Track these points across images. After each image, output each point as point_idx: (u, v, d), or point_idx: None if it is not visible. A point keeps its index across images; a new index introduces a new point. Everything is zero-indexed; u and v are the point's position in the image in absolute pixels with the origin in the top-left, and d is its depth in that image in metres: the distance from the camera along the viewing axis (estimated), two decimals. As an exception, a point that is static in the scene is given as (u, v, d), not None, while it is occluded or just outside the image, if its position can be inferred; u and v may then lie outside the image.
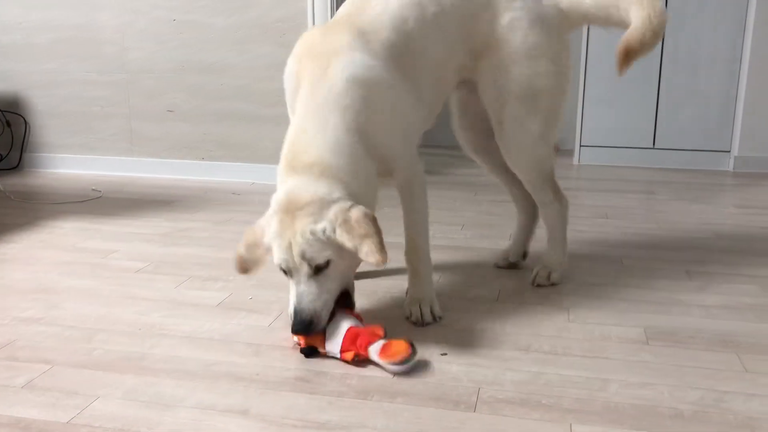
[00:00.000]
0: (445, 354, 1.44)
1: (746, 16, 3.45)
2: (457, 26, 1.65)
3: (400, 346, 1.37)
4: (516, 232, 2.02)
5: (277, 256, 1.40)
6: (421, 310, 1.60)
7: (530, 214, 1.98)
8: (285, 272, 1.41)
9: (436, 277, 1.90)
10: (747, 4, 3.44)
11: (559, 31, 1.72)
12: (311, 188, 1.39)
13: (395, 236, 2.28)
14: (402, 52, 1.57)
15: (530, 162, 1.75)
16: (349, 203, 1.37)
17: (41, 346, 1.47)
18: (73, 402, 1.25)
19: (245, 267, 1.47)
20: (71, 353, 1.44)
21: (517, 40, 1.67)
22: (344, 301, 1.47)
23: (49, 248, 2.19)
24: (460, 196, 2.98)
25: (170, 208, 2.73)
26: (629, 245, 2.22)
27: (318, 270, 1.38)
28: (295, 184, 1.41)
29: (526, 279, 1.89)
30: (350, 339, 1.38)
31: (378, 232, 1.34)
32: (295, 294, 1.40)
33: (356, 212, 1.35)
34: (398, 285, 1.84)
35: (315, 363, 1.39)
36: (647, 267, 2.00)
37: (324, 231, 1.35)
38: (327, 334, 1.41)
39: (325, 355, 1.41)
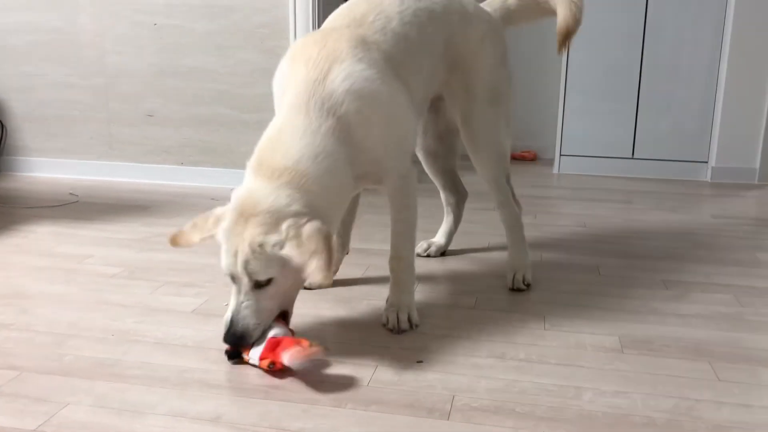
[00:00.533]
0: (421, 361, 1.43)
1: (723, 29, 3.50)
2: (442, 43, 1.75)
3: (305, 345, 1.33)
4: (445, 231, 2.22)
5: (223, 260, 1.38)
6: (398, 316, 1.59)
7: (458, 217, 2.23)
8: (231, 278, 1.39)
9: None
10: (724, 16, 3.49)
11: (504, 37, 1.92)
12: (272, 196, 1.36)
13: (377, 243, 2.28)
14: (401, 64, 1.60)
15: (496, 159, 1.87)
16: (304, 218, 1.34)
17: (11, 352, 1.45)
18: (42, 409, 1.22)
19: (176, 240, 1.48)
20: (41, 359, 1.42)
21: (488, 51, 1.83)
22: (281, 320, 1.44)
23: (23, 253, 2.16)
24: (438, 203, 2.98)
25: (148, 213, 2.71)
26: (606, 254, 2.24)
27: (259, 285, 1.36)
28: (258, 187, 1.38)
29: (503, 286, 1.90)
30: (270, 347, 1.35)
31: (328, 250, 1.30)
32: (234, 303, 1.38)
33: (309, 228, 1.32)
34: (375, 292, 1.84)
35: (289, 370, 1.38)
36: (624, 276, 2.02)
37: (273, 245, 1.32)
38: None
39: (247, 362, 1.39)
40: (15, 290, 1.83)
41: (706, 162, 3.64)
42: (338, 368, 1.40)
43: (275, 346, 1.35)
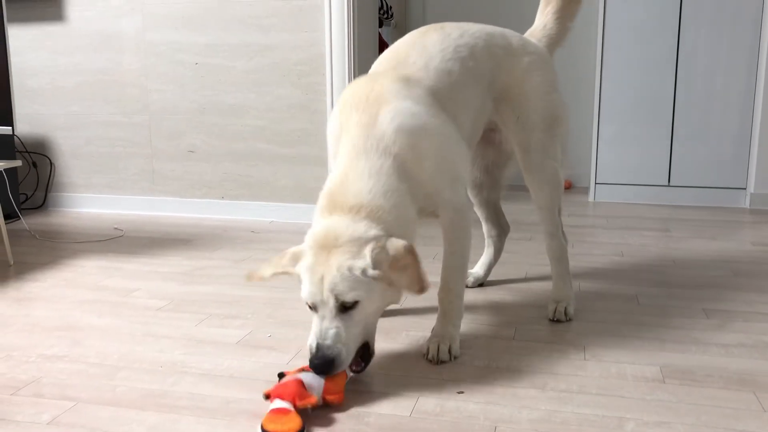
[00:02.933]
0: (462, 392, 1.45)
1: (759, 53, 3.49)
2: (487, 76, 1.80)
3: (293, 422, 1.28)
4: (484, 262, 2.25)
5: (306, 289, 1.41)
6: (439, 347, 1.61)
7: (498, 250, 2.26)
8: (311, 307, 1.43)
9: (452, 315, 1.92)
10: (759, 40, 3.48)
11: (552, 65, 1.96)
12: (351, 227, 1.41)
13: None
14: (446, 98, 1.67)
15: (552, 186, 1.90)
16: (384, 239, 1.41)
17: (65, 383, 1.51)
18: (97, 439, 1.27)
19: (251, 276, 1.52)
20: (95, 390, 1.47)
21: (535, 79, 1.86)
22: (362, 352, 1.46)
23: (72, 287, 2.24)
24: (476, 234, 3.01)
25: (190, 247, 2.78)
26: (645, 283, 2.23)
27: (344, 308, 1.39)
28: (334, 222, 1.43)
29: (542, 316, 1.91)
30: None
31: (417, 262, 1.39)
32: (319, 329, 1.40)
33: (393, 244, 1.40)
34: (415, 323, 1.86)
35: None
36: (663, 305, 2.01)
37: (361, 269, 1.37)
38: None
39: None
40: (66, 323, 1.90)
41: (745, 188, 3.60)
42: (380, 399, 1.42)
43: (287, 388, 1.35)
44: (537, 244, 2.77)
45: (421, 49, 1.72)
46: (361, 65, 3.18)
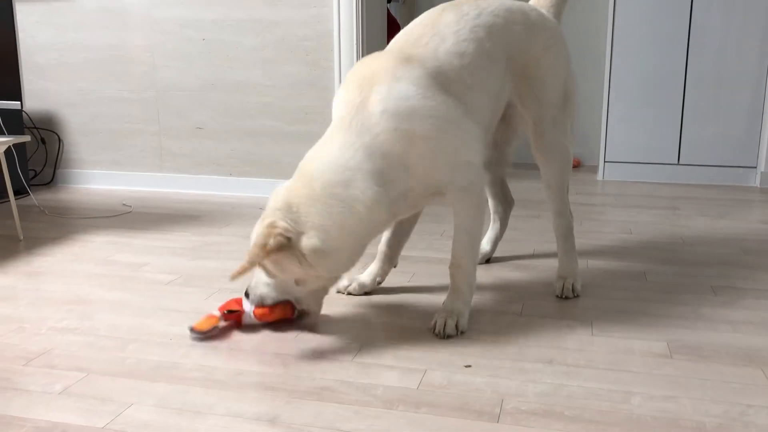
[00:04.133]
0: (469, 366, 1.46)
1: (771, 32, 3.45)
2: (505, 55, 1.78)
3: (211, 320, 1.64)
4: (491, 238, 2.24)
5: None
6: (446, 322, 1.62)
7: (504, 225, 2.25)
8: None
9: (459, 291, 1.92)
10: (767, 21, 3.44)
11: (564, 39, 1.94)
12: (278, 201, 1.56)
13: (421, 250, 2.32)
14: (454, 80, 1.64)
15: (563, 164, 1.91)
16: (274, 223, 1.53)
17: (77, 355, 1.52)
18: (108, 408, 1.29)
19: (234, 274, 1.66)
20: (105, 362, 1.49)
21: (553, 56, 1.86)
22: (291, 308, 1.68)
23: (82, 261, 2.26)
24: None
25: (199, 223, 2.79)
26: (653, 260, 2.23)
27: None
28: (286, 186, 1.59)
29: (550, 292, 1.91)
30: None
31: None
32: (255, 280, 1.67)
33: (268, 234, 1.52)
34: (421, 299, 1.87)
35: (341, 373, 1.42)
36: (671, 282, 2.01)
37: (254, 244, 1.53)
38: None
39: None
40: (77, 297, 1.91)
41: (755, 167, 3.58)
42: (388, 372, 1.43)
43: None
44: (544, 221, 2.76)
45: (435, 30, 1.69)
46: (369, 42, 3.16)
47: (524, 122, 1.93)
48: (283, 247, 1.50)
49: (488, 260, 2.23)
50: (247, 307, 1.67)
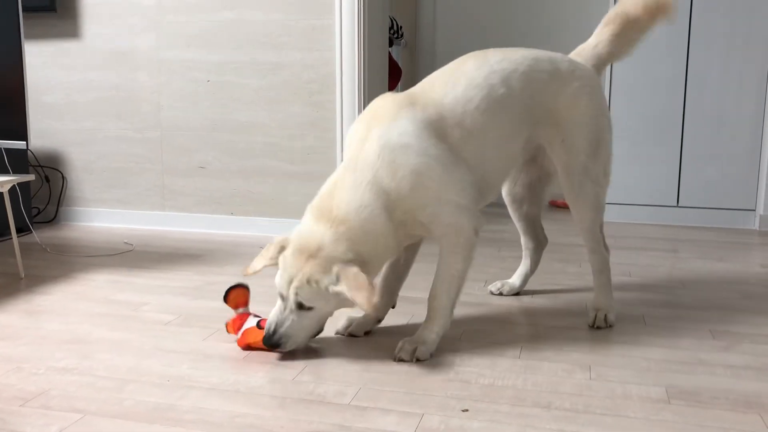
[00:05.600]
0: (467, 410, 1.45)
1: (766, 78, 3.50)
2: (525, 103, 1.84)
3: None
4: (521, 273, 2.31)
5: (278, 281, 1.71)
6: (404, 346, 1.72)
7: (535, 262, 2.32)
8: (280, 296, 1.71)
9: (459, 331, 1.92)
10: (766, 66, 3.50)
11: (601, 87, 1.98)
12: (330, 243, 1.64)
13: (422, 291, 2.32)
14: (456, 125, 1.74)
15: (593, 210, 1.96)
16: (350, 264, 1.62)
17: (74, 396, 1.52)
18: (104, 451, 1.28)
19: (246, 271, 1.81)
20: (102, 403, 1.49)
21: (583, 104, 1.90)
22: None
23: (82, 300, 2.26)
24: (484, 252, 3.02)
25: (200, 262, 2.80)
26: (652, 304, 2.23)
27: (302, 307, 1.67)
28: (321, 232, 1.66)
29: (548, 335, 1.91)
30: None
31: (370, 286, 1.59)
32: (278, 313, 1.70)
33: (353, 270, 1.61)
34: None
35: (338, 417, 1.42)
36: (670, 326, 2.01)
37: (326, 285, 1.62)
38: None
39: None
40: (76, 336, 1.92)
41: (754, 210, 3.60)
42: (385, 416, 1.43)
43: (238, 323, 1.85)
44: (551, 262, 2.77)
45: (453, 75, 1.80)
46: (370, 84, 3.21)
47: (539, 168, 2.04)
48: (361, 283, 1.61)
49: (517, 293, 2.31)
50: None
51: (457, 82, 1.79)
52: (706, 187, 3.66)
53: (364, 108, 3.13)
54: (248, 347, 1.79)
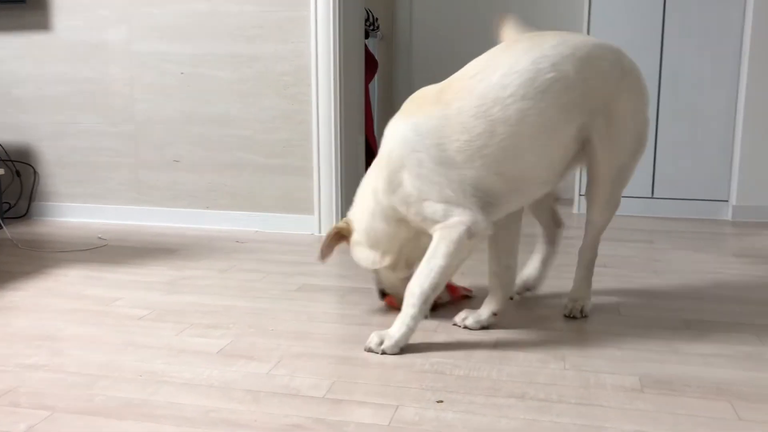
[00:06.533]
0: (442, 401, 1.45)
1: (740, 68, 3.54)
2: (579, 88, 1.72)
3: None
4: (539, 260, 2.20)
5: None
6: (374, 338, 1.74)
7: (553, 244, 2.21)
8: None
9: (434, 324, 1.92)
10: (740, 55, 3.53)
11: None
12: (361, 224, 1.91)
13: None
14: (476, 116, 1.68)
15: (614, 209, 1.97)
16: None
17: (43, 393, 1.50)
18: (73, 448, 1.26)
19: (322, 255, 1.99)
20: (73, 400, 1.46)
21: (633, 98, 1.84)
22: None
23: (54, 296, 2.23)
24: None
25: (174, 257, 2.77)
26: (627, 294, 2.24)
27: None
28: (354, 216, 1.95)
29: (523, 326, 1.92)
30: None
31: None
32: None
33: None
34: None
35: (313, 410, 1.41)
36: (644, 316, 2.02)
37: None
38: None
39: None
40: (47, 332, 1.88)
41: (727, 201, 3.64)
42: (360, 408, 1.42)
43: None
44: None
45: (490, 65, 1.72)
46: (346, 76, 3.19)
47: (583, 161, 1.88)
48: None
49: (529, 289, 2.20)
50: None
51: (497, 67, 1.70)
52: (681, 178, 3.70)
53: (340, 100, 3.12)
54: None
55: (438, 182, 1.69)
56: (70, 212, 3.59)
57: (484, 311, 1.92)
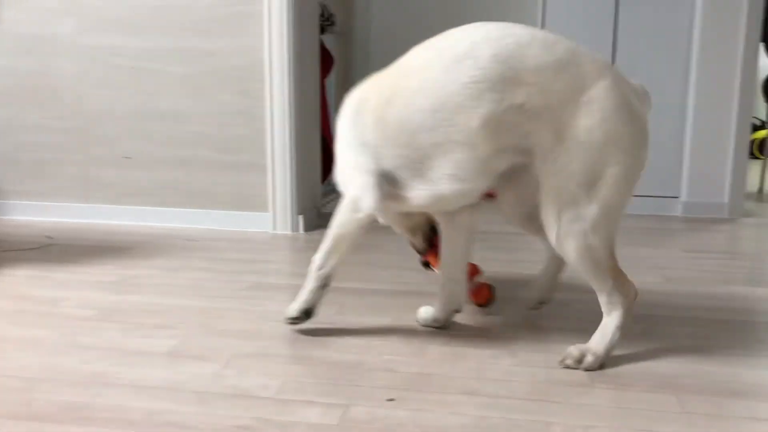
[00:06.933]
0: (393, 399, 1.44)
1: (689, 67, 3.61)
2: (502, 96, 1.52)
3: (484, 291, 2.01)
4: (547, 278, 1.97)
5: None
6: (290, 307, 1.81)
7: (560, 262, 1.90)
8: None
9: (389, 320, 1.91)
10: (689, 58, 3.60)
11: (643, 120, 1.60)
12: None
13: (352, 281, 2.29)
14: (389, 121, 1.64)
15: (582, 258, 1.60)
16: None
17: (-20, 398, 1.44)
18: (9, 454, 1.22)
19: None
20: (10, 404, 1.41)
21: (594, 122, 1.52)
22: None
23: (-4, 296, 2.16)
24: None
25: (124, 255, 2.71)
26: (579, 290, 2.26)
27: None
28: None
29: (476, 323, 1.92)
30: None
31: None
32: None
33: None
34: (348, 331, 1.85)
35: (261, 410, 1.39)
36: (595, 311, 2.03)
37: None
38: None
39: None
40: (-13, 335, 1.82)
41: (678, 197, 3.71)
42: (309, 408, 1.40)
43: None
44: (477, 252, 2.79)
45: (425, 48, 1.65)
46: (301, 72, 3.16)
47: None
48: None
49: (542, 303, 2.00)
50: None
51: (426, 53, 1.61)
52: (633, 175, 3.75)
53: (294, 96, 3.08)
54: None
55: (343, 156, 1.76)
56: (16, 210, 3.48)
57: (428, 313, 1.90)
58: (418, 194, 1.65)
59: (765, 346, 1.76)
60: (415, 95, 1.59)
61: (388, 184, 1.68)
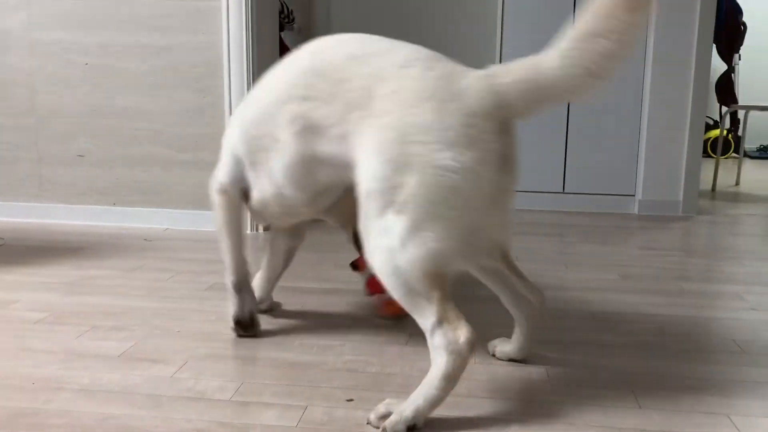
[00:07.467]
0: (352, 400, 1.43)
1: (644, 69, 3.68)
2: (302, 98, 1.51)
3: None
4: (519, 337, 1.65)
5: None
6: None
7: (528, 312, 1.62)
8: None
9: (348, 320, 1.90)
10: (644, 61, 3.67)
11: (476, 114, 1.28)
12: None
13: (310, 281, 2.28)
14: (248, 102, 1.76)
15: (389, 270, 1.30)
16: None
17: (-77, 405, 1.39)
18: (-46, 464, 1.17)
19: None
20: (-44, 411, 1.36)
21: (393, 117, 1.28)
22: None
23: (-58, 299, 2.08)
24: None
25: (79, 256, 2.64)
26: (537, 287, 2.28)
27: None
28: None
29: (436, 322, 1.92)
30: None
31: None
32: None
33: None
34: (308, 330, 1.84)
35: (218, 413, 1.36)
36: (553, 308, 2.06)
37: None
38: None
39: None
40: (-68, 339, 1.76)
41: (634, 195, 3.78)
42: (267, 410, 1.38)
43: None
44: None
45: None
46: (260, 69, 3.13)
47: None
48: None
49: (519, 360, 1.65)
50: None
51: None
52: (590, 174, 3.81)
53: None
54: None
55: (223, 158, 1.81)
56: (-36, 210, 3.37)
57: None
58: (254, 195, 1.74)
59: (718, 341, 1.80)
60: (255, 91, 1.74)
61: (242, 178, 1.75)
